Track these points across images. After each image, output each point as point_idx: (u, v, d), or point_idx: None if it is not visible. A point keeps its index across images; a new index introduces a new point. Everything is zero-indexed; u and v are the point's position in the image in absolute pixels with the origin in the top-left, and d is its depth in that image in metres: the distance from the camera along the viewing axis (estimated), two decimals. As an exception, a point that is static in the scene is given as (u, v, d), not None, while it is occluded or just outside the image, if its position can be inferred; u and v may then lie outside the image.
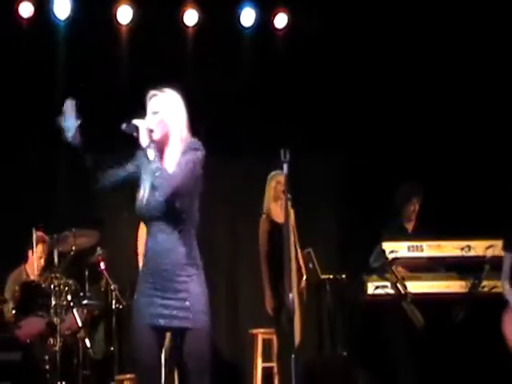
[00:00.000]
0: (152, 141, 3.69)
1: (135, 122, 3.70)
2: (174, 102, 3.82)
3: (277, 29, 7.81)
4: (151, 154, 3.67)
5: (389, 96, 7.62)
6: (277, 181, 6.36)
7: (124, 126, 3.69)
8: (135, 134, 3.68)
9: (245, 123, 7.62)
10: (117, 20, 7.52)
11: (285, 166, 5.12)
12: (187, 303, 3.66)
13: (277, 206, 6.39)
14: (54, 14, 7.38)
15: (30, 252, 6.80)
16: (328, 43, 7.65)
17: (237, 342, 7.68)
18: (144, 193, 3.73)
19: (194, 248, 3.76)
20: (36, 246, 6.69)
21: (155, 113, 3.75)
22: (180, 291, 3.66)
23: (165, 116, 3.75)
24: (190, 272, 3.70)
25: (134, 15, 7.51)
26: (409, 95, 7.57)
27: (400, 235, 6.28)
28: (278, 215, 6.34)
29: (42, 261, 6.77)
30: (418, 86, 7.54)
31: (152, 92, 3.81)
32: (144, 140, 3.69)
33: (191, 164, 3.68)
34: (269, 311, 6.36)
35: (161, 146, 3.74)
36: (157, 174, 3.63)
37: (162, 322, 3.65)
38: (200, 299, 3.73)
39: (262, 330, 6.89)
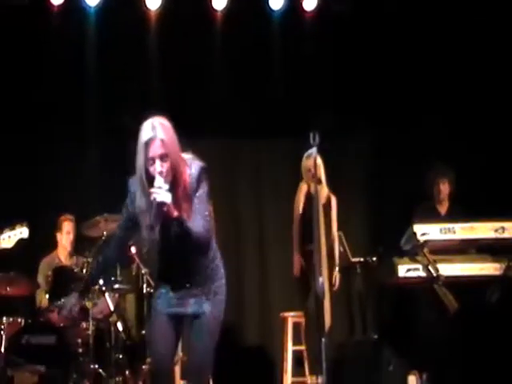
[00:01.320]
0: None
1: (164, 197, 3.52)
2: (172, 137, 3.64)
3: (305, 11, 7.75)
4: (181, 223, 3.58)
5: (420, 75, 7.54)
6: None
7: (153, 199, 3.51)
8: (162, 209, 3.52)
9: (273, 105, 7.59)
10: (145, 5, 7.51)
11: (314, 150, 5.08)
12: (206, 293, 3.76)
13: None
14: (84, 0, 7.42)
15: (59, 236, 6.87)
16: (356, 26, 7.60)
17: (268, 325, 7.69)
18: (155, 239, 3.66)
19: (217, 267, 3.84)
20: (62, 223, 6.79)
21: (165, 160, 3.57)
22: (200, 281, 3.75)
23: (172, 157, 3.59)
24: (212, 265, 3.80)
25: (162, 1, 7.51)
26: (440, 73, 7.49)
27: (432, 217, 6.23)
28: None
29: (71, 237, 6.83)
30: (450, 63, 7.47)
31: (152, 135, 3.57)
32: (173, 211, 3.57)
33: (208, 215, 3.68)
34: (295, 273, 6.40)
35: (172, 186, 3.60)
36: (192, 234, 3.59)
37: (178, 310, 3.75)
38: (220, 290, 3.82)
39: (292, 314, 6.90)
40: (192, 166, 3.69)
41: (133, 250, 6.64)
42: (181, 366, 6.18)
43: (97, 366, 6.20)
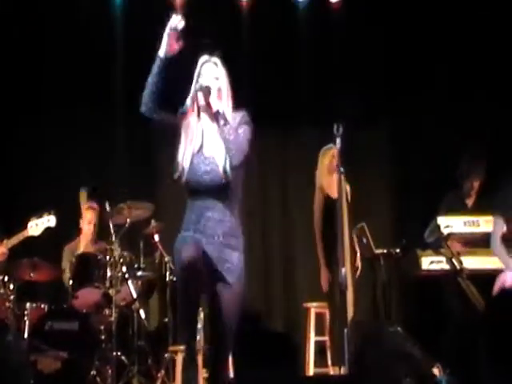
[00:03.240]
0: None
1: (207, 81, 3.77)
2: (227, 75, 3.89)
3: (332, 2, 7.74)
4: (223, 120, 3.74)
5: (448, 63, 7.52)
6: (331, 154, 6.27)
7: (199, 85, 3.77)
8: (205, 94, 3.74)
9: (298, 96, 7.60)
10: (171, -6, 7.54)
11: (338, 140, 5.09)
12: (230, 267, 3.79)
13: (330, 180, 6.33)
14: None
15: (82, 224, 6.90)
16: (381, 17, 7.58)
17: (292, 315, 7.69)
18: (193, 160, 3.79)
19: (239, 226, 3.88)
20: (85, 212, 6.80)
21: (217, 78, 3.83)
22: (225, 255, 3.79)
23: (222, 85, 3.84)
24: (236, 245, 3.83)
25: (189, -13, 7.54)
26: (469, 63, 7.44)
27: (458, 209, 6.20)
28: (332, 190, 6.30)
29: (92, 227, 6.83)
30: (480, 54, 7.41)
31: (207, 57, 3.89)
32: (215, 103, 3.77)
33: (247, 138, 3.78)
34: (323, 286, 6.36)
35: (214, 114, 3.79)
36: (232, 139, 3.71)
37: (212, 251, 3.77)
38: (239, 272, 3.84)
39: (315, 304, 6.88)
40: (236, 112, 3.86)
41: (156, 237, 6.69)
42: (203, 356, 6.20)
43: (119, 353, 6.22)
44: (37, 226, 6.01)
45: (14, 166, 7.26)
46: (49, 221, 6.04)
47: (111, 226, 6.41)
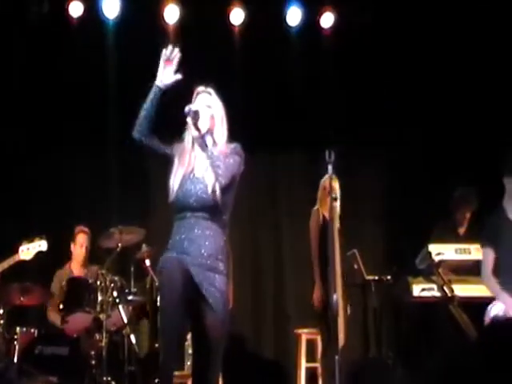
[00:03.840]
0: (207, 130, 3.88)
1: (197, 107, 3.87)
2: (222, 106, 4.03)
3: (323, 28, 7.79)
4: (210, 141, 3.86)
5: (438, 93, 7.56)
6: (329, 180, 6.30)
7: (187, 108, 3.84)
8: (193, 120, 3.83)
9: (290, 121, 7.62)
10: (164, 19, 7.56)
11: (329, 167, 5.10)
12: (214, 292, 3.77)
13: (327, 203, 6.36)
14: (103, 13, 7.48)
15: (73, 247, 6.89)
16: (374, 43, 7.62)
17: (282, 341, 7.69)
18: (183, 181, 3.87)
19: (224, 248, 3.90)
20: (77, 235, 6.81)
21: (209, 107, 3.94)
22: (209, 279, 3.78)
23: (215, 113, 3.96)
24: (220, 268, 3.83)
25: (181, 14, 7.55)
26: (459, 92, 7.49)
27: (449, 238, 6.25)
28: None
29: (84, 250, 6.83)
30: (469, 82, 7.45)
31: (203, 88, 4.03)
32: (203, 126, 3.87)
33: (237, 165, 3.88)
34: (315, 304, 6.33)
35: (205, 141, 3.92)
36: (217, 162, 3.78)
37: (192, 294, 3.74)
38: (223, 296, 3.82)
39: (306, 330, 6.88)
40: (231, 143, 3.99)
41: (147, 262, 6.67)
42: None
43: (109, 378, 6.17)
44: (28, 251, 6.00)
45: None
46: (40, 245, 6.02)
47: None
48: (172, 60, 3.93)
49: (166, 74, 3.93)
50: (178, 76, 3.94)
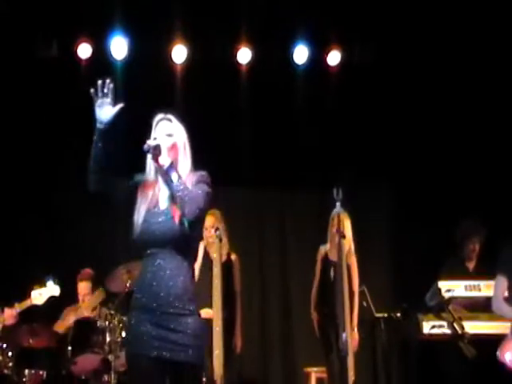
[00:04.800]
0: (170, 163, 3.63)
1: (158, 141, 3.62)
2: (184, 132, 3.75)
3: (329, 66, 7.87)
4: (175, 175, 3.59)
5: (442, 129, 7.60)
6: (333, 217, 6.36)
7: (146, 146, 3.60)
8: (155, 154, 3.60)
9: (296, 157, 7.68)
10: (171, 59, 7.65)
11: (337, 204, 5.10)
12: (186, 339, 3.51)
13: (332, 243, 6.40)
14: (111, 54, 7.58)
15: (79, 290, 6.88)
16: (380, 80, 7.69)
17: (292, 379, 7.66)
18: (147, 216, 3.62)
19: (193, 283, 3.66)
20: (78, 283, 6.80)
21: (170, 135, 3.70)
22: (180, 326, 3.52)
23: (178, 141, 3.70)
24: (190, 307, 3.58)
25: (188, 54, 7.64)
26: (462, 127, 7.52)
27: (459, 273, 6.21)
28: (331, 253, 6.36)
29: (89, 297, 6.81)
30: (471, 118, 7.48)
31: (162, 115, 3.77)
32: (165, 159, 3.62)
33: (205, 194, 3.61)
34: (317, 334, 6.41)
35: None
36: (185, 192, 3.54)
37: (162, 353, 3.48)
38: (198, 336, 3.57)
39: (315, 369, 6.87)
40: (197, 171, 3.73)
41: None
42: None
43: (119, 420, 6.15)
44: (40, 296, 5.98)
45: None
46: (52, 291, 6.01)
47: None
48: (106, 94, 3.66)
49: (104, 111, 3.64)
50: (119, 106, 3.67)
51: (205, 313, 5.98)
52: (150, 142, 3.62)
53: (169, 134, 3.69)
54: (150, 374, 3.49)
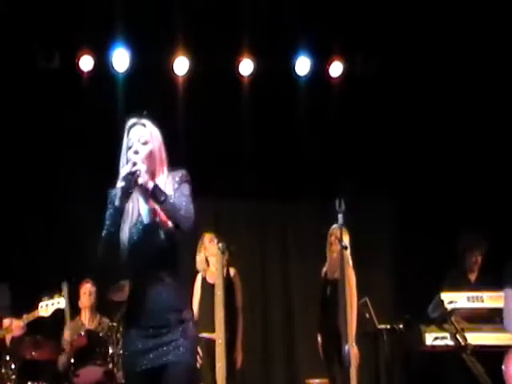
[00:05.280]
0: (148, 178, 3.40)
1: (133, 168, 3.34)
2: (158, 134, 3.55)
3: (331, 77, 7.89)
4: (160, 194, 3.36)
5: (445, 141, 7.63)
6: (331, 235, 6.43)
7: (121, 182, 3.35)
8: (133, 184, 3.35)
9: (298, 169, 7.72)
10: (173, 71, 7.68)
11: (340, 216, 5.09)
12: (177, 348, 3.40)
13: (331, 259, 6.45)
14: (112, 66, 7.61)
15: (80, 303, 6.91)
16: (382, 91, 7.73)
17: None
18: (131, 234, 3.45)
19: (186, 290, 3.66)
20: (81, 287, 6.85)
21: (145, 143, 3.48)
22: (172, 333, 3.41)
23: (154, 147, 3.49)
24: (186, 315, 3.48)
25: (190, 66, 7.67)
26: (464, 140, 7.55)
27: (461, 285, 6.22)
28: (332, 270, 6.42)
29: (91, 299, 6.86)
30: (473, 131, 7.50)
31: (135, 120, 3.54)
32: (148, 183, 3.38)
33: (189, 195, 3.48)
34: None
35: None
36: (175, 208, 3.37)
37: (150, 363, 3.40)
38: (190, 342, 3.46)
39: (317, 381, 6.88)
40: (174, 171, 3.55)
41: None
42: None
43: (121, 432, 6.15)
44: (47, 307, 6.03)
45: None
46: (59, 303, 6.05)
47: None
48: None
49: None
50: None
51: (207, 335, 6.08)
52: (123, 172, 3.37)
53: (144, 141, 3.48)
54: None
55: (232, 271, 6.60)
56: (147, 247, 3.43)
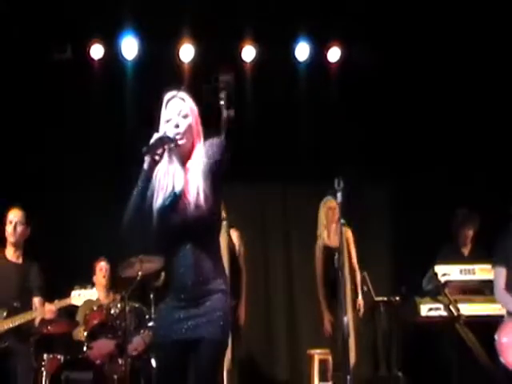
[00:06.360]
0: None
1: (162, 134, 3.39)
2: (195, 108, 3.55)
3: (330, 62, 8.05)
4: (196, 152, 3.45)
5: (441, 120, 7.78)
6: (328, 207, 6.64)
7: (145, 148, 3.38)
8: (174, 145, 3.40)
9: (299, 152, 7.89)
10: (179, 58, 7.88)
11: (339, 195, 5.28)
12: (211, 322, 3.41)
13: (330, 231, 6.65)
14: (122, 54, 7.84)
15: (95, 278, 7.15)
16: (380, 76, 7.85)
17: (295, 361, 7.84)
18: (166, 205, 3.45)
19: (220, 258, 3.57)
20: (97, 265, 7.11)
21: (185, 116, 3.48)
22: (205, 305, 3.43)
23: (192, 121, 3.49)
24: (218, 286, 3.47)
25: (195, 53, 7.86)
26: (464, 118, 7.68)
27: (455, 259, 6.43)
28: (332, 240, 6.62)
29: (106, 275, 7.12)
30: (472, 116, 7.65)
31: (174, 93, 3.54)
32: (185, 144, 3.44)
33: (222, 145, 3.48)
34: (326, 334, 6.58)
35: (185, 154, 3.50)
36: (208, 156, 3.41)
37: (183, 334, 3.42)
38: (222, 315, 3.45)
39: (318, 351, 7.03)
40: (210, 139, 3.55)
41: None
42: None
43: (133, 401, 6.36)
44: (79, 297, 6.01)
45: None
46: (91, 295, 6.13)
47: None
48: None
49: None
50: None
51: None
52: (168, 132, 3.41)
53: (184, 115, 3.48)
54: (172, 357, 3.46)
55: (234, 233, 6.71)
56: (180, 218, 3.41)
